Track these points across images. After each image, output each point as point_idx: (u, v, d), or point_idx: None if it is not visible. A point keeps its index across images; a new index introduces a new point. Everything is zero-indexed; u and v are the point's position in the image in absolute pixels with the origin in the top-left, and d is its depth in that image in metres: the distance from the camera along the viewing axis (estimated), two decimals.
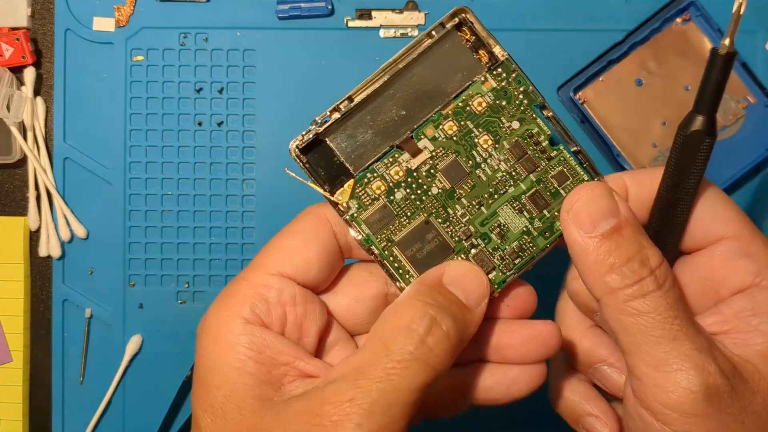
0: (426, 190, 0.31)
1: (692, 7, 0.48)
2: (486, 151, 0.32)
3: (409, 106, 0.32)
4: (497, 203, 0.32)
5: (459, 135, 0.32)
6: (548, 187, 0.32)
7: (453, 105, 0.32)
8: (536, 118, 0.32)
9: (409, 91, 0.32)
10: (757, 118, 0.48)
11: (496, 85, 0.32)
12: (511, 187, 0.32)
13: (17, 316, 0.51)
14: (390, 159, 0.31)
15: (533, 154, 0.32)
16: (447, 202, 0.32)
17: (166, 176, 0.50)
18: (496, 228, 0.32)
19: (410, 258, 0.31)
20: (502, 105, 0.32)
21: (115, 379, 0.50)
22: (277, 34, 0.50)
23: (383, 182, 0.31)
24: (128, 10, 0.50)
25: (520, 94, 0.32)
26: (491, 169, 0.32)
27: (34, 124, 0.50)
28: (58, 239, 0.50)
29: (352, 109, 0.32)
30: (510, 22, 0.50)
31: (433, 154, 0.32)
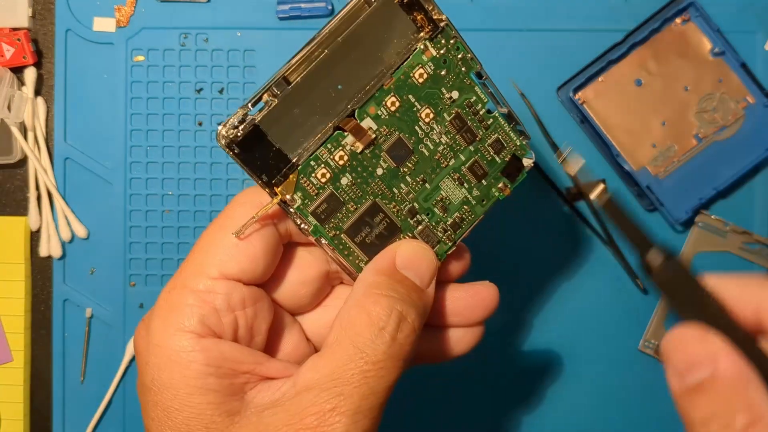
0: (371, 172, 0.30)
1: (692, 7, 0.48)
2: (428, 125, 0.31)
3: (346, 79, 0.29)
4: (439, 177, 0.32)
5: (401, 111, 0.30)
6: (485, 156, 0.32)
7: (394, 79, 0.30)
8: (474, 86, 0.31)
9: (346, 63, 0.29)
10: (756, 118, 0.48)
11: (436, 54, 0.30)
12: (451, 160, 0.32)
13: (18, 316, 0.51)
14: (333, 144, 0.30)
15: (472, 124, 0.32)
16: (392, 182, 0.31)
17: (167, 176, 0.50)
18: (439, 202, 0.32)
19: (360, 244, 0.31)
20: (441, 75, 0.31)
21: (116, 379, 0.50)
22: (277, 35, 0.50)
23: (328, 169, 0.30)
24: (129, 11, 0.50)
25: (459, 61, 0.31)
26: (433, 143, 0.31)
27: (35, 124, 0.50)
28: (58, 239, 0.50)
29: (287, 91, 0.29)
30: (510, 22, 0.50)
31: (377, 133, 0.30)
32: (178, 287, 0.29)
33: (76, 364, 0.51)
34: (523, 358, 0.50)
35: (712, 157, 0.48)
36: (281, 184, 0.29)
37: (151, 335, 0.28)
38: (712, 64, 0.48)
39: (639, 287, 0.50)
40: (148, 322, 0.28)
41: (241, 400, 0.28)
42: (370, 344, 0.27)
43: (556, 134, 0.50)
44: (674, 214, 0.48)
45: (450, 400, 0.51)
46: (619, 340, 0.50)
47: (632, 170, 0.48)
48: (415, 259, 0.30)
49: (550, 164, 0.50)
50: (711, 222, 0.49)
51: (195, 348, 0.27)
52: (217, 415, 0.27)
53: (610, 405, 0.50)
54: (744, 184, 0.50)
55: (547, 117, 0.50)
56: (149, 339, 0.28)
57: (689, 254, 0.50)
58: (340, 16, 0.29)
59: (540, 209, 0.50)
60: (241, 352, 0.28)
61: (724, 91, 0.48)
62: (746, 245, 0.49)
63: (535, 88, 0.50)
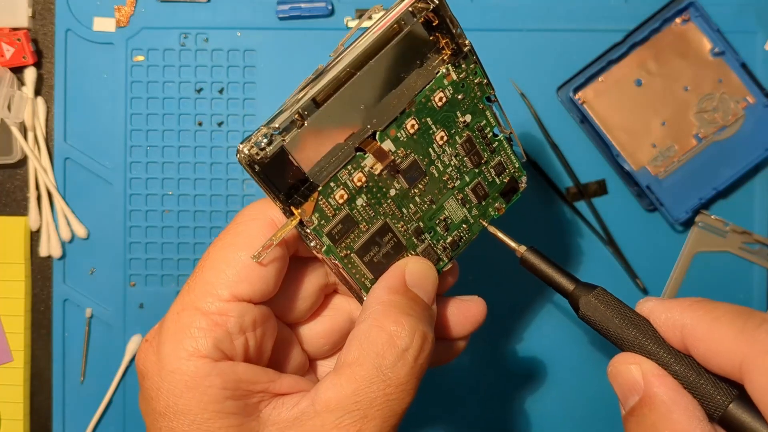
0: (385, 193, 0.30)
1: (692, 7, 0.48)
2: (441, 147, 0.31)
3: (369, 98, 0.29)
4: (444, 197, 0.32)
5: (419, 133, 0.30)
6: (487, 177, 0.33)
7: (416, 102, 0.30)
8: (486, 110, 0.32)
9: (368, 82, 0.29)
10: (756, 118, 0.48)
11: (456, 78, 0.31)
12: (457, 181, 0.32)
13: (18, 316, 0.51)
14: (354, 165, 0.29)
15: (480, 147, 0.32)
16: (402, 202, 0.31)
17: (167, 176, 0.50)
18: (441, 221, 0.33)
19: (367, 263, 0.31)
20: (458, 98, 0.31)
21: (116, 379, 0.50)
22: (277, 34, 0.50)
23: (346, 190, 0.29)
24: (129, 11, 0.50)
25: (475, 86, 0.31)
26: (443, 164, 0.32)
27: (35, 124, 0.50)
28: (58, 239, 0.50)
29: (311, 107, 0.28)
30: (510, 22, 0.50)
31: (395, 155, 0.30)
32: (189, 308, 0.28)
33: (76, 364, 0.51)
34: (522, 359, 0.50)
35: (712, 157, 0.48)
36: (300, 205, 0.28)
37: (164, 360, 0.27)
38: (712, 64, 0.48)
39: (639, 287, 0.50)
40: (158, 346, 0.28)
41: (258, 419, 0.27)
42: (392, 366, 0.27)
43: (556, 134, 0.50)
44: (674, 214, 0.48)
45: (446, 401, 0.51)
46: None
47: (632, 170, 0.48)
48: (422, 277, 0.31)
49: (550, 164, 0.50)
50: (711, 222, 0.49)
51: (211, 372, 0.27)
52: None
53: (610, 406, 0.50)
54: (744, 184, 0.50)
55: (547, 117, 0.50)
56: (162, 364, 0.27)
57: (689, 254, 0.50)
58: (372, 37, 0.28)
59: (540, 209, 0.50)
60: (255, 373, 0.28)
61: (724, 91, 0.48)
62: (746, 245, 0.49)
63: (535, 88, 0.50)
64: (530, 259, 0.32)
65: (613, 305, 0.30)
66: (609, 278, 0.50)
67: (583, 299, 0.30)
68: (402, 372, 0.27)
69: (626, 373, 0.28)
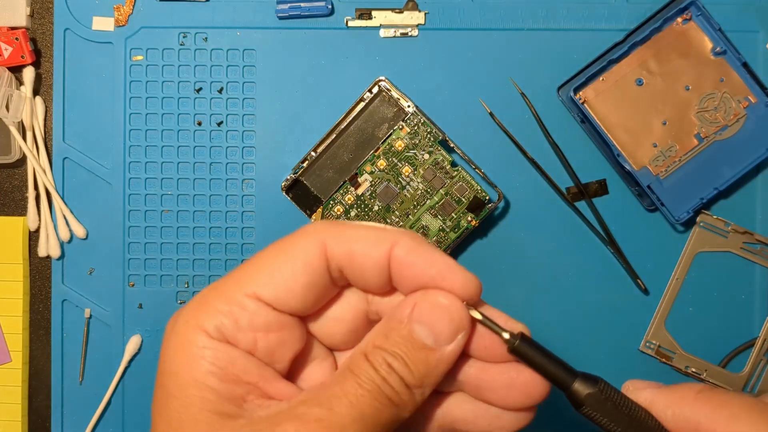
0: (370, 207, 0.46)
1: (693, 6, 0.48)
2: (408, 176, 0.46)
3: (354, 150, 0.47)
4: (419, 211, 0.46)
5: (388, 168, 0.46)
6: (453, 197, 0.46)
7: (382, 147, 0.46)
8: (440, 149, 0.46)
9: (353, 140, 0.47)
10: (757, 117, 0.48)
11: (410, 130, 0.46)
12: (428, 200, 0.46)
13: (16, 317, 0.50)
14: (344, 190, 0.46)
15: (440, 176, 0.46)
16: (386, 215, 0.47)
17: (166, 176, 0.50)
18: (421, 229, 0.46)
19: None
20: (415, 143, 0.46)
21: (115, 380, 0.50)
22: (277, 34, 0.50)
23: (341, 206, 0.46)
24: (128, 10, 0.50)
25: (427, 134, 0.46)
26: (413, 188, 0.46)
27: (34, 124, 0.50)
28: (57, 239, 0.50)
29: (317, 157, 0.47)
30: (510, 22, 0.50)
31: (372, 183, 0.46)
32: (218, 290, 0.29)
33: (75, 364, 0.50)
34: None
35: (713, 157, 0.48)
36: (314, 213, 0.47)
37: (177, 322, 0.29)
38: (713, 63, 0.48)
39: (640, 287, 0.50)
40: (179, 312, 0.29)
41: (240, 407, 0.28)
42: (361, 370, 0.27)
43: (557, 134, 0.49)
44: (675, 214, 0.48)
45: None
46: (620, 341, 0.50)
47: (633, 170, 0.48)
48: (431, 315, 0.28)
49: (551, 164, 0.50)
50: (712, 222, 0.49)
51: (207, 345, 0.28)
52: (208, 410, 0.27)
53: None
54: (745, 183, 0.50)
55: (547, 117, 0.49)
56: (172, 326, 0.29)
57: (690, 254, 0.50)
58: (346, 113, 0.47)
59: (540, 209, 0.50)
60: (250, 364, 0.28)
61: (726, 90, 0.48)
62: (747, 245, 0.49)
63: (535, 88, 0.49)
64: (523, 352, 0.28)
65: (614, 401, 0.27)
66: (609, 278, 0.50)
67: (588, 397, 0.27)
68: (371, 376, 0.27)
69: None
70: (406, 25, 0.50)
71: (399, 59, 0.50)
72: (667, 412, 0.27)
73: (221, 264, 0.50)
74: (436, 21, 0.50)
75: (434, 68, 0.50)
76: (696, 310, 0.50)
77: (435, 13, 0.50)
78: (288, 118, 0.50)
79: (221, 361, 0.28)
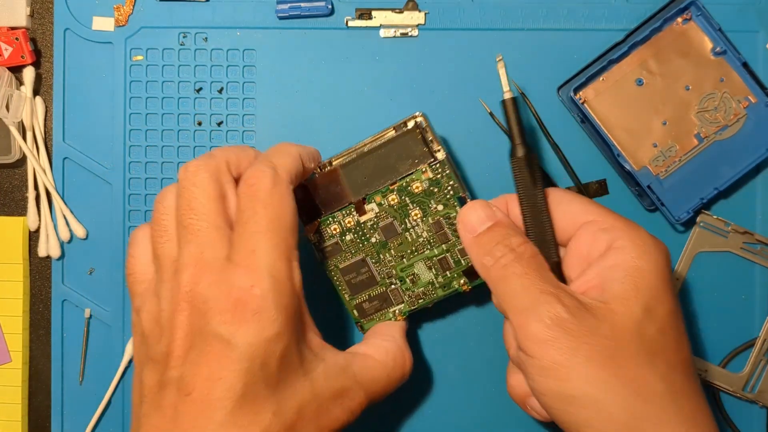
0: (368, 238, 0.43)
1: (693, 6, 0.48)
2: (415, 220, 0.43)
3: (371, 174, 0.43)
4: (415, 259, 0.43)
5: (398, 206, 0.43)
6: (453, 256, 0.43)
7: (399, 183, 0.42)
8: (456, 206, 0.42)
9: (373, 164, 0.43)
10: (757, 117, 0.48)
11: (432, 177, 0.42)
12: (427, 250, 0.43)
13: (16, 317, 0.50)
14: (347, 211, 0.43)
15: (448, 231, 0.43)
16: (380, 250, 0.44)
17: (166, 176, 0.50)
18: (410, 275, 0.44)
19: (347, 282, 0.44)
20: (433, 191, 0.42)
21: (115, 380, 0.50)
22: (277, 34, 0.50)
23: (339, 226, 0.43)
24: (128, 10, 0.50)
25: (448, 186, 0.42)
26: (416, 234, 0.43)
27: (34, 124, 0.50)
28: (57, 239, 0.50)
29: (331, 170, 0.43)
30: (510, 22, 0.50)
31: (377, 215, 0.43)
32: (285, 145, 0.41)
33: (75, 364, 0.50)
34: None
35: (713, 157, 0.48)
36: (311, 225, 0.44)
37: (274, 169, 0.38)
38: (713, 63, 0.48)
39: None
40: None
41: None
42: None
43: (557, 134, 0.49)
44: (675, 214, 0.48)
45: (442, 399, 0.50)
46: None
47: (633, 170, 0.48)
48: None
49: (551, 164, 0.50)
50: (712, 222, 0.49)
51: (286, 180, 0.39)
52: None
53: None
54: (745, 183, 0.50)
55: (547, 117, 0.49)
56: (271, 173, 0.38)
57: (690, 254, 0.50)
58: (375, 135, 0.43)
59: None
60: None
61: (726, 90, 0.48)
62: (747, 245, 0.49)
63: (535, 88, 0.49)
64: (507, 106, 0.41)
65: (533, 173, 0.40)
66: None
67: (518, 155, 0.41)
68: None
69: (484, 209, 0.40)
70: (406, 25, 0.50)
71: (399, 59, 0.50)
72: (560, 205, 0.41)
73: None
74: (436, 21, 0.50)
75: (434, 68, 0.50)
76: (696, 310, 0.50)
77: (435, 13, 0.50)
78: (288, 118, 0.50)
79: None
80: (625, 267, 0.36)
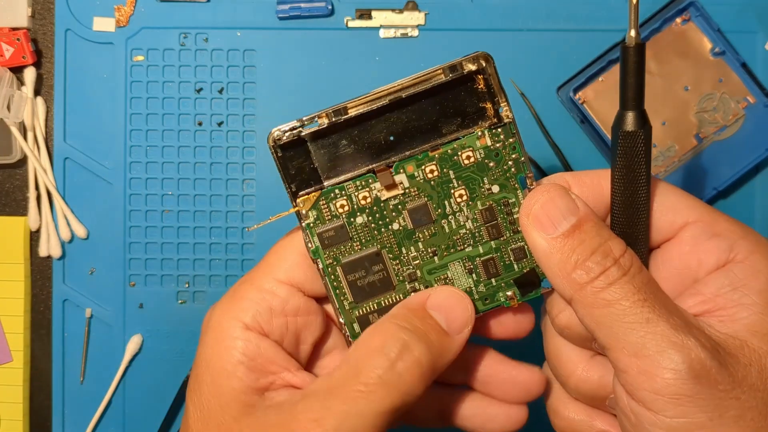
0: (387, 223, 0.31)
1: (692, 7, 0.48)
2: (458, 204, 0.31)
3: (400, 133, 0.31)
4: (451, 257, 0.31)
5: (437, 181, 0.31)
6: (504, 258, 0.32)
7: (442, 150, 0.31)
8: (518, 188, 0.31)
9: (404, 119, 0.31)
10: (756, 118, 0.48)
11: (491, 144, 0.31)
12: (469, 247, 0.31)
13: (17, 316, 0.51)
14: (362, 182, 0.31)
15: (502, 223, 0.31)
16: (403, 242, 0.31)
17: (167, 176, 0.50)
18: (441, 280, 0.32)
19: (350, 283, 0.31)
20: (489, 165, 0.31)
21: (116, 379, 0.50)
22: (277, 34, 0.50)
23: (348, 203, 0.31)
24: (128, 10, 0.50)
25: (510, 160, 0.31)
26: (457, 223, 0.31)
27: (35, 124, 0.50)
28: (58, 239, 0.50)
29: (344, 120, 0.30)
30: (510, 22, 0.50)
31: (406, 191, 0.31)
32: (248, 282, 0.31)
33: (76, 364, 0.51)
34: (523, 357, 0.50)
35: (712, 157, 0.48)
36: (303, 198, 0.31)
37: (213, 316, 0.31)
38: (712, 63, 0.48)
39: None
40: (215, 306, 0.31)
41: (261, 396, 0.29)
42: (367, 366, 0.28)
43: (556, 134, 0.50)
44: None
45: None
46: None
47: None
48: (447, 304, 0.30)
49: (551, 164, 0.50)
50: None
51: (239, 336, 0.30)
52: (234, 401, 0.29)
53: None
54: (744, 183, 0.50)
55: (547, 117, 0.50)
56: (210, 318, 0.31)
57: None
58: (416, 75, 0.30)
59: None
60: (276, 354, 0.30)
61: (725, 90, 0.48)
62: None
63: (535, 88, 0.50)
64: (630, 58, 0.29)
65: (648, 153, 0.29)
66: None
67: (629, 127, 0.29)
68: (374, 373, 0.27)
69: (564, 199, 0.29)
70: (406, 25, 0.50)
71: (399, 59, 0.50)
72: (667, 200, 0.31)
73: (222, 264, 0.51)
74: (436, 21, 0.50)
75: None
76: None
77: (435, 13, 0.50)
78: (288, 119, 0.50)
79: (250, 352, 0.30)
80: (758, 289, 0.27)
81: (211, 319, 0.31)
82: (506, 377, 0.33)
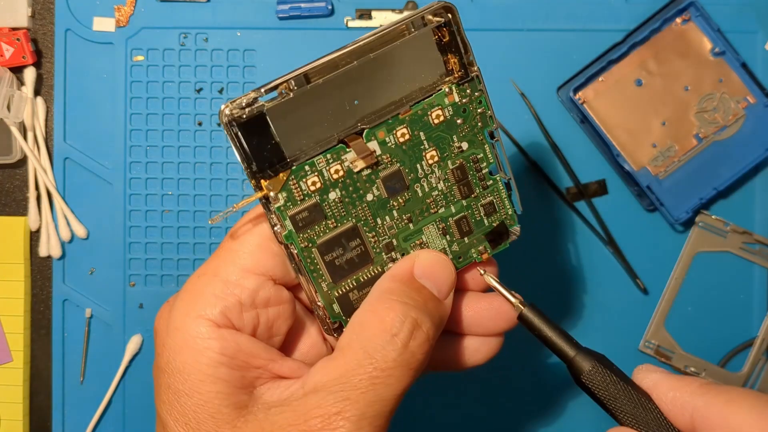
0: (362, 195, 0.30)
1: (692, 7, 0.48)
2: (430, 167, 0.30)
3: (364, 96, 0.28)
4: (425, 221, 0.31)
5: (409, 144, 0.30)
6: (475, 214, 0.32)
7: (412, 111, 0.29)
8: (485, 143, 0.31)
9: (368, 78, 0.28)
10: (756, 118, 0.48)
11: (458, 101, 0.30)
12: (442, 208, 0.31)
13: (17, 316, 0.51)
14: (333, 155, 0.29)
15: (472, 180, 0.31)
16: (378, 212, 0.30)
17: (167, 176, 0.50)
18: (417, 246, 0.31)
19: (328, 263, 0.30)
20: (457, 122, 0.30)
21: (115, 379, 0.50)
22: (277, 34, 0.50)
23: (320, 179, 0.29)
24: (128, 10, 0.50)
25: (477, 115, 0.31)
26: (429, 186, 0.31)
27: (35, 124, 0.50)
28: (58, 239, 0.50)
29: (307, 90, 0.28)
30: (510, 22, 0.50)
31: (379, 159, 0.29)
32: (209, 274, 0.29)
33: (76, 364, 0.51)
34: (521, 358, 0.50)
35: (712, 157, 0.48)
36: (269, 179, 0.28)
37: (173, 318, 0.28)
38: (712, 63, 0.48)
39: (639, 287, 0.50)
40: (172, 305, 0.29)
41: (250, 394, 0.28)
42: (381, 350, 0.27)
43: (556, 134, 0.50)
44: (674, 214, 0.48)
45: (448, 395, 0.50)
46: (620, 341, 0.50)
47: (632, 170, 0.48)
48: (434, 270, 0.30)
49: (551, 164, 0.50)
50: (711, 222, 0.49)
51: (212, 336, 0.27)
52: (224, 406, 0.27)
53: None
54: (744, 183, 0.50)
55: (547, 117, 0.50)
56: (169, 321, 0.28)
57: (690, 254, 0.50)
58: (378, 32, 0.28)
59: (540, 209, 0.50)
60: (256, 347, 0.28)
61: (725, 91, 0.48)
62: (746, 245, 0.49)
63: (535, 88, 0.50)
64: (529, 318, 0.30)
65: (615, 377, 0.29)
66: (609, 278, 0.50)
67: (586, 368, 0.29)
68: (389, 357, 0.27)
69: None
70: None
71: None
72: (668, 395, 0.27)
73: None
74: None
75: None
76: (695, 310, 0.50)
77: None
78: None
79: (229, 350, 0.27)
80: None
81: (171, 321, 0.28)
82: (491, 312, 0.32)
